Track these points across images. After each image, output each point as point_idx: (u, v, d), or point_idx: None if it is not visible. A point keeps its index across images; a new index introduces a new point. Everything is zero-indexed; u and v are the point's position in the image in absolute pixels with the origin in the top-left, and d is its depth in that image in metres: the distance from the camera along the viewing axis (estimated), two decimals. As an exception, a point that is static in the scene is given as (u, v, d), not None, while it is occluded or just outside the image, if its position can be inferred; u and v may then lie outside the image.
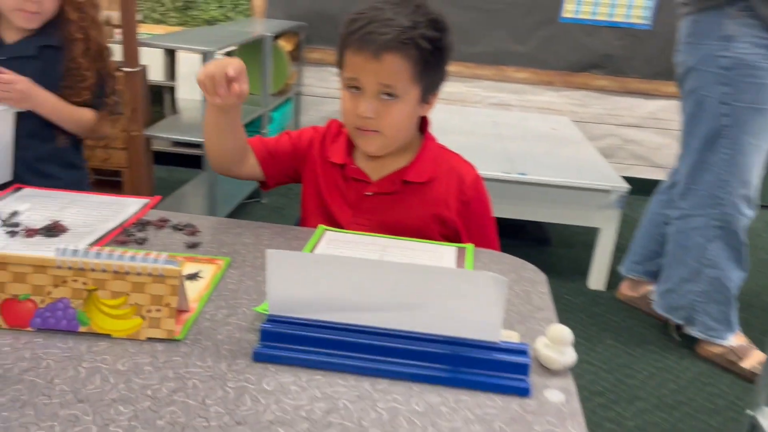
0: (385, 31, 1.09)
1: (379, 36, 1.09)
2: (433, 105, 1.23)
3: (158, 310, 0.83)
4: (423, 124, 1.27)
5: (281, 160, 1.30)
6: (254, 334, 0.85)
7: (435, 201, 1.24)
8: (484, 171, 2.78)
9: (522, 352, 0.80)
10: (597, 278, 2.70)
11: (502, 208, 2.60)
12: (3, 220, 1.07)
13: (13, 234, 1.04)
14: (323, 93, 3.91)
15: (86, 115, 1.55)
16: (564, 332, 0.82)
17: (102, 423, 0.67)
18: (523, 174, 2.54)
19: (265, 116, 3.19)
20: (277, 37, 3.42)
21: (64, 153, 1.58)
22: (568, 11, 3.63)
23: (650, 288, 2.52)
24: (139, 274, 0.82)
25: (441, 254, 1.14)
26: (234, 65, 1.06)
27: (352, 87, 1.15)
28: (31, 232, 1.05)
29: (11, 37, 1.47)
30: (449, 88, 3.76)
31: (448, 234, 1.26)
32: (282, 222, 1.27)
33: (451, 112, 3.52)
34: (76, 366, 0.76)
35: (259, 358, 0.81)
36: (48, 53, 1.48)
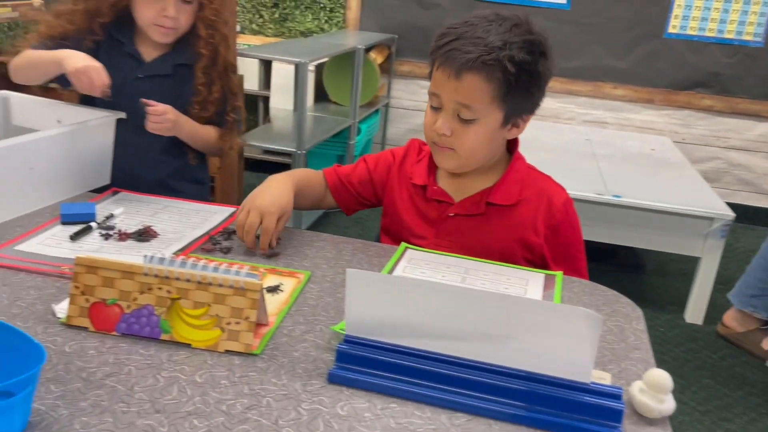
0: (469, 50, 1.03)
1: (462, 54, 1.04)
2: (522, 128, 1.15)
3: (237, 323, 0.82)
4: (513, 143, 1.21)
5: (356, 190, 1.30)
6: (330, 354, 0.83)
7: (521, 225, 1.18)
8: (574, 191, 2.65)
9: (615, 397, 0.74)
10: (695, 311, 2.52)
11: (593, 231, 2.49)
12: (98, 223, 1.11)
13: (107, 237, 1.08)
14: (411, 105, 3.90)
15: (212, 133, 1.54)
16: (664, 378, 0.75)
17: (176, 436, 0.67)
18: (617, 196, 2.41)
19: (353, 127, 3.22)
20: (368, 49, 3.45)
21: (192, 169, 1.59)
22: (674, 26, 3.44)
23: (760, 326, 2.33)
24: (220, 285, 0.82)
25: (527, 280, 1.09)
26: (266, 227, 1.08)
27: (434, 102, 1.12)
28: (123, 236, 1.08)
29: (149, 54, 1.48)
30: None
31: (534, 260, 1.20)
32: (364, 233, 1.26)
33: (542, 128, 3.41)
34: (156, 374, 0.76)
35: (334, 379, 0.78)
36: (181, 71, 1.48)
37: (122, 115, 1.36)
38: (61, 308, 0.86)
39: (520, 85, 1.06)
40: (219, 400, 0.73)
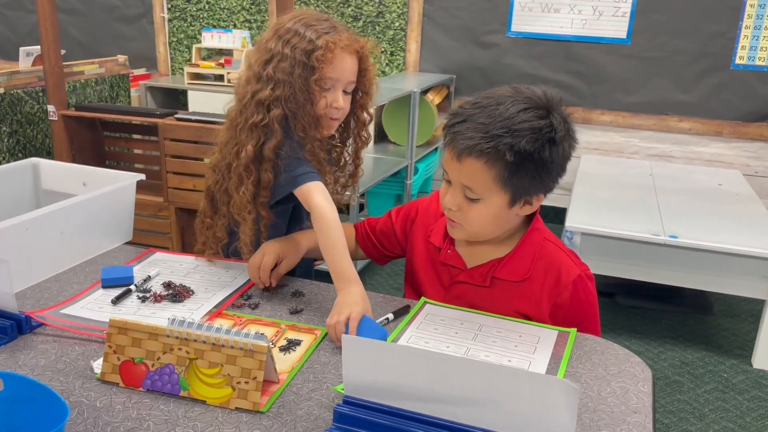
0: (470, 135, 1.04)
1: (464, 139, 1.05)
2: (536, 205, 1.14)
3: (246, 383, 0.90)
4: (532, 214, 1.19)
5: (380, 243, 1.36)
6: (332, 413, 0.89)
7: (525, 299, 1.17)
8: (629, 231, 2.60)
9: (594, 467, 0.76)
10: (763, 356, 2.39)
11: (650, 272, 2.44)
12: (136, 286, 1.22)
13: (144, 299, 1.18)
14: (472, 143, 3.94)
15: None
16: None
17: (177, 491, 0.75)
18: (673, 236, 2.35)
19: (410, 167, 3.29)
20: (426, 90, 3.53)
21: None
22: (741, 57, 3.33)
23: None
24: (232, 347, 0.91)
25: (538, 338, 1.11)
26: (264, 264, 1.21)
27: (446, 176, 1.15)
28: (158, 298, 1.18)
29: None
30: (602, 138, 3.61)
31: None
32: (399, 278, 1.30)
33: (605, 162, 3.35)
34: (171, 430, 0.85)
35: (330, 439, 0.84)
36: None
37: (141, 176, 1.41)
38: (98, 365, 0.97)
39: (525, 172, 1.05)
40: (222, 457, 0.80)
